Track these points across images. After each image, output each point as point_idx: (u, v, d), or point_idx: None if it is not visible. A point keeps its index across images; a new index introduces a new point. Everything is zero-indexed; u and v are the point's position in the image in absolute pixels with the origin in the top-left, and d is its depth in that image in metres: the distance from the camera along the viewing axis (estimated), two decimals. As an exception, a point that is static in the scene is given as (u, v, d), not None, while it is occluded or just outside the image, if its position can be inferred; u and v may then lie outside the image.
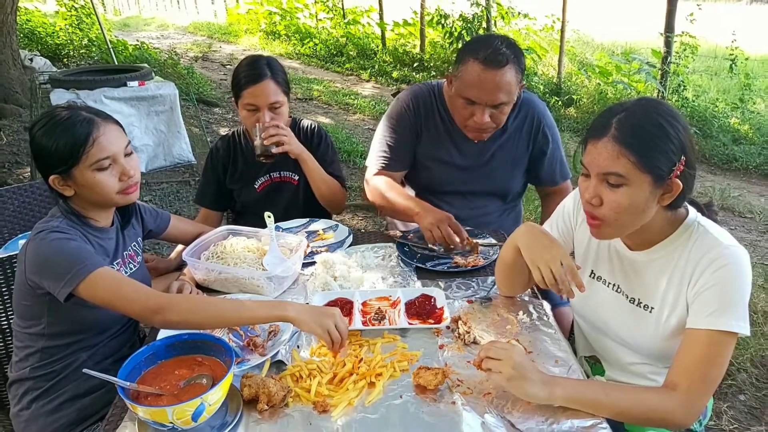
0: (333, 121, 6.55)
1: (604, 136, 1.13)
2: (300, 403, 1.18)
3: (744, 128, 5.67)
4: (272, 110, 1.91)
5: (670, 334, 1.24)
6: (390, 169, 2.04)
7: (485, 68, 1.72)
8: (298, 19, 11.59)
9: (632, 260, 1.30)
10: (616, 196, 1.14)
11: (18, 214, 1.94)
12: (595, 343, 1.43)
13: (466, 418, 1.12)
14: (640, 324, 1.29)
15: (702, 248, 1.18)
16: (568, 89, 6.75)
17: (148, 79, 3.95)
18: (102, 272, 1.29)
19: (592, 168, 1.17)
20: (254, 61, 1.94)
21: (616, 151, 1.12)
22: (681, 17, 5.60)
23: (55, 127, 1.34)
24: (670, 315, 1.23)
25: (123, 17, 17.92)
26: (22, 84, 6.04)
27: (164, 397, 1.10)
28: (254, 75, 1.89)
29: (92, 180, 1.36)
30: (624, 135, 1.11)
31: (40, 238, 1.32)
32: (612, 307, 1.35)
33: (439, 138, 2.00)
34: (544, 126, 2.01)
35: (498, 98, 1.76)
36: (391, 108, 2.05)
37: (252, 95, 1.89)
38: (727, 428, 2.22)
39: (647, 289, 1.28)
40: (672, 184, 1.13)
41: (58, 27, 8.96)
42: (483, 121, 1.79)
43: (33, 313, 1.40)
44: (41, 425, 1.43)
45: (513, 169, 2.04)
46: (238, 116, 1.93)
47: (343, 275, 1.64)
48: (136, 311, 1.29)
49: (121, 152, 1.40)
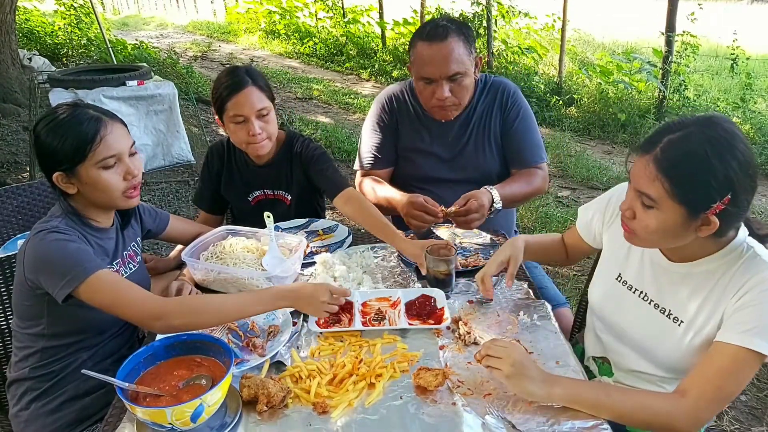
0: (333, 120, 6.55)
1: (648, 154, 1.09)
2: (299, 404, 1.18)
3: (745, 128, 5.65)
4: (260, 118, 1.83)
5: (693, 350, 1.21)
6: (377, 168, 2.11)
7: (430, 43, 1.82)
8: (298, 18, 11.57)
9: (669, 271, 1.25)
10: (647, 216, 1.12)
11: (17, 214, 1.93)
12: (608, 345, 1.41)
13: (467, 419, 1.11)
14: (663, 334, 1.25)
15: (750, 270, 1.13)
16: (568, 89, 6.75)
17: (147, 79, 3.94)
18: (101, 275, 1.28)
19: (632, 180, 1.14)
20: (232, 70, 1.85)
21: (653, 174, 1.07)
22: (682, 16, 5.59)
23: (61, 124, 1.35)
24: (699, 331, 1.19)
25: (122, 16, 17.90)
26: (21, 83, 6.03)
27: (163, 398, 1.10)
28: (235, 84, 1.80)
29: (97, 178, 1.36)
30: (665, 160, 1.06)
31: (40, 238, 1.32)
32: (634, 314, 1.31)
33: (415, 129, 2.07)
34: (514, 102, 2.03)
35: (450, 69, 1.82)
36: (371, 110, 2.15)
37: (237, 105, 1.80)
38: (728, 429, 2.22)
39: (680, 301, 1.23)
40: (709, 219, 1.07)
41: (57, 26, 8.95)
42: (444, 96, 1.86)
43: (32, 313, 1.39)
44: (40, 426, 1.42)
45: (489, 149, 2.05)
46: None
47: (343, 275, 1.64)
48: (136, 316, 1.29)
49: (126, 151, 1.41)
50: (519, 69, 7.33)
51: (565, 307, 1.89)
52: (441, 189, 2.04)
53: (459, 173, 2.05)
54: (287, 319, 1.42)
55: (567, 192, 4.56)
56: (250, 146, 1.87)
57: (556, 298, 1.90)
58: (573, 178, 4.84)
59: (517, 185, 1.95)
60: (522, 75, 7.10)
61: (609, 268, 1.40)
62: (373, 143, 2.10)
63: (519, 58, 7.48)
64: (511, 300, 1.54)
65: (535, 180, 1.99)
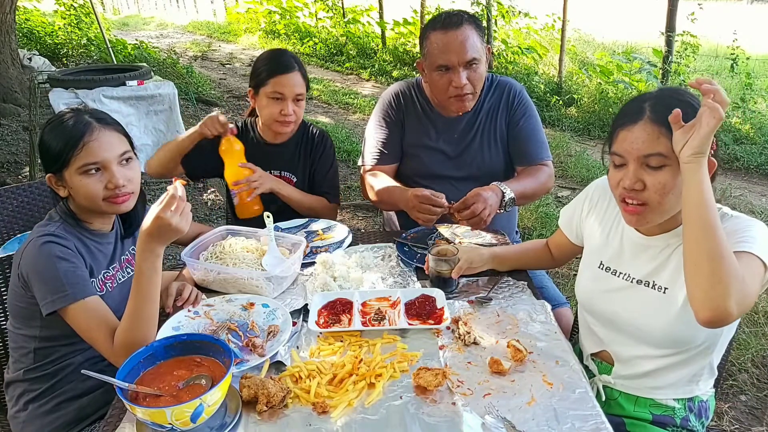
0: (333, 120, 6.55)
1: (640, 120, 1.16)
2: (299, 404, 1.18)
3: (745, 128, 5.66)
4: (295, 102, 1.97)
5: (685, 315, 1.21)
6: (382, 163, 2.11)
7: (446, 31, 1.84)
8: (298, 18, 11.58)
9: (646, 246, 1.31)
10: (660, 177, 1.16)
11: (17, 214, 1.93)
12: (604, 337, 1.42)
13: (467, 419, 1.11)
14: (652, 307, 1.28)
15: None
16: (568, 88, 6.75)
17: (147, 79, 3.94)
18: (85, 305, 1.30)
19: (630, 154, 1.18)
20: (282, 52, 2.01)
21: (655, 131, 1.14)
22: (682, 16, 5.59)
23: (55, 127, 1.37)
24: (683, 291, 1.20)
25: (122, 16, 17.92)
26: (21, 83, 6.03)
27: (163, 398, 1.10)
28: (284, 65, 1.94)
29: (78, 183, 1.36)
30: (660, 116, 1.13)
31: (36, 244, 1.32)
32: (622, 297, 1.34)
33: (421, 125, 2.08)
34: (520, 100, 2.06)
35: (467, 54, 1.84)
36: (377, 106, 2.15)
37: (280, 84, 1.93)
38: (728, 429, 2.22)
39: (659, 270, 1.28)
40: (709, 162, 1.12)
41: (57, 26, 8.95)
42: (462, 83, 1.87)
43: (27, 314, 1.40)
44: (38, 426, 1.42)
45: (495, 147, 2.06)
46: (238, 115, 1.93)
47: (343, 275, 1.63)
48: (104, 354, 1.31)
49: (113, 160, 1.38)
50: (519, 69, 7.33)
51: (565, 307, 1.89)
52: (444, 186, 2.04)
53: (463, 170, 2.06)
54: (287, 319, 1.42)
55: (567, 192, 4.56)
56: (277, 123, 1.99)
57: (556, 298, 1.90)
58: (573, 178, 4.84)
59: (526, 181, 1.96)
60: (522, 75, 7.10)
61: (591, 259, 1.45)
62: (378, 139, 2.11)
63: (519, 58, 7.48)
64: (511, 300, 1.54)
65: (542, 176, 2.00)
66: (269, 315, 1.46)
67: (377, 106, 2.15)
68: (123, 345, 1.26)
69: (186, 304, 1.49)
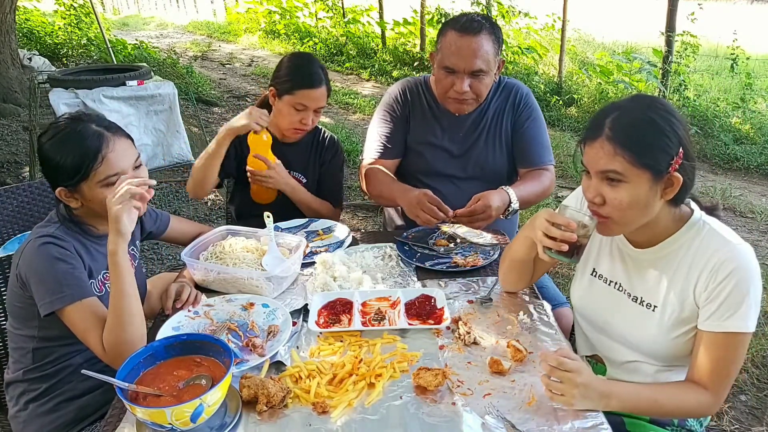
0: (333, 120, 6.54)
1: (599, 137, 1.16)
2: (299, 404, 1.18)
3: (745, 128, 5.66)
4: (316, 113, 1.99)
5: (673, 333, 1.25)
6: (384, 157, 2.11)
7: (462, 35, 1.82)
8: (298, 18, 11.57)
9: (636, 258, 1.30)
10: (617, 193, 1.16)
11: (17, 214, 1.93)
12: (596, 342, 1.43)
13: (467, 419, 1.11)
14: (642, 323, 1.28)
15: (710, 247, 1.19)
16: (568, 89, 6.75)
17: (147, 79, 3.94)
18: (82, 306, 1.30)
19: (591, 167, 1.19)
20: (311, 62, 1.99)
21: (611, 150, 1.14)
22: (682, 16, 5.59)
23: (64, 140, 1.34)
24: (673, 313, 1.24)
25: (122, 16, 17.89)
26: (21, 83, 6.03)
27: (163, 398, 1.10)
28: (315, 79, 1.94)
29: (100, 195, 1.36)
30: (617, 134, 1.14)
31: (36, 245, 1.32)
32: (613, 306, 1.35)
33: (427, 122, 2.07)
34: (525, 103, 2.07)
35: (475, 64, 1.83)
36: (382, 101, 2.15)
37: (308, 98, 1.93)
38: (728, 428, 2.22)
39: (650, 287, 1.28)
40: (672, 178, 1.14)
41: (57, 26, 8.94)
42: (462, 90, 1.86)
43: (25, 315, 1.40)
44: (38, 426, 1.43)
45: (499, 148, 2.07)
46: (239, 114, 1.92)
47: (343, 275, 1.63)
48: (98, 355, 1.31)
49: (129, 167, 1.39)
50: (519, 69, 7.33)
51: (565, 307, 1.89)
52: (446, 185, 2.05)
53: (466, 170, 2.07)
54: (287, 319, 1.42)
55: (567, 192, 4.55)
56: (294, 130, 2.00)
57: (556, 298, 1.90)
58: (573, 178, 4.83)
59: (529, 185, 1.97)
60: (522, 75, 7.10)
61: (584, 266, 1.44)
62: (382, 132, 2.10)
63: (519, 58, 7.48)
64: (511, 300, 1.54)
65: (544, 180, 2.01)
66: (269, 315, 1.46)
67: (383, 101, 2.14)
68: (109, 344, 1.27)
69: (185, 306, 1.49)
